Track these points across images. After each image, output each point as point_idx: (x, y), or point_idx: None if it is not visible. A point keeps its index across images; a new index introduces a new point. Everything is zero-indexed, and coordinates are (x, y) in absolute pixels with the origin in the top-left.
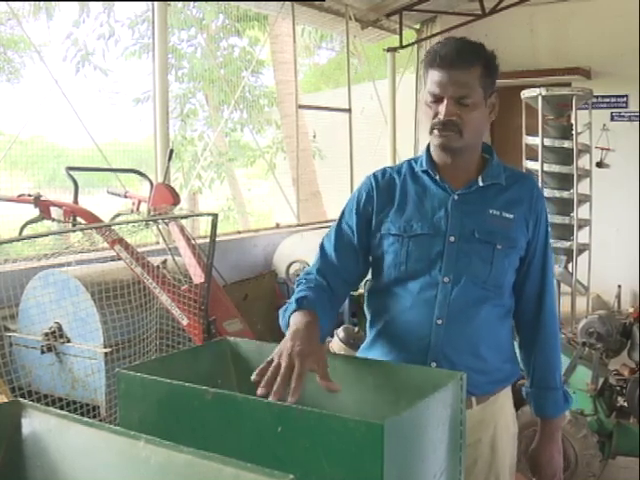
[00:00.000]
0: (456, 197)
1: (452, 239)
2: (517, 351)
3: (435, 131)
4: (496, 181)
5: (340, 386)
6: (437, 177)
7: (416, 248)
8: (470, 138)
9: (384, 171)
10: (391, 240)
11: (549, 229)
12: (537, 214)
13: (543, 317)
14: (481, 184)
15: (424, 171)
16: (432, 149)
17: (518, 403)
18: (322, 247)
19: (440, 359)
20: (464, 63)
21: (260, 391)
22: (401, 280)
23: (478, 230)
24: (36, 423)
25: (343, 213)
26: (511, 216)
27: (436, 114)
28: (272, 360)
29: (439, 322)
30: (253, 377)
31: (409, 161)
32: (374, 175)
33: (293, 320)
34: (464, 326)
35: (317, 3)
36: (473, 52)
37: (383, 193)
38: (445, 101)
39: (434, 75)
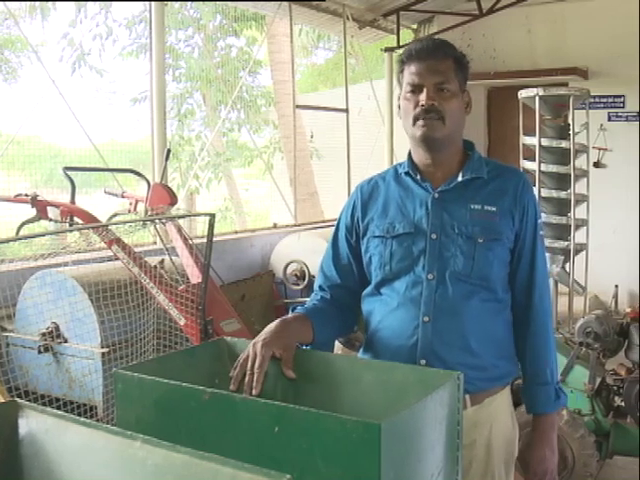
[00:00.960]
0: (436, 195)
1: (434, 236)
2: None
3: (419, 121)
4: (477, 175)
5: (294, 375)
6: (418, 177)
7: (399, 247)
8: (452, 127)
9: (370, 179)
10: (376, 242)
11: (539, 222)
12: (523, 206)
13: (532, 311)
14: (460, 179)
15: (406, 173)
16: (413, 150)
17: (515, 403)
18: (321, 264)
19: (430, 356)
20: (440, 54)
21: (231, 387)
22: (387, 280)
23: (458, 225)
24: (33, 423)
25: (337, 225)
26: (494, 208)
27: (417, 103)
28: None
29: (426, 319)
30: (230, 374)
31: (395, 166)
32: (361, 185)
33: (263, 332)
34: (451, 322)
35: (314, 3)
36: (445, 46)
37: (368, 200)
38: (425, 89)
39: (412, 68)
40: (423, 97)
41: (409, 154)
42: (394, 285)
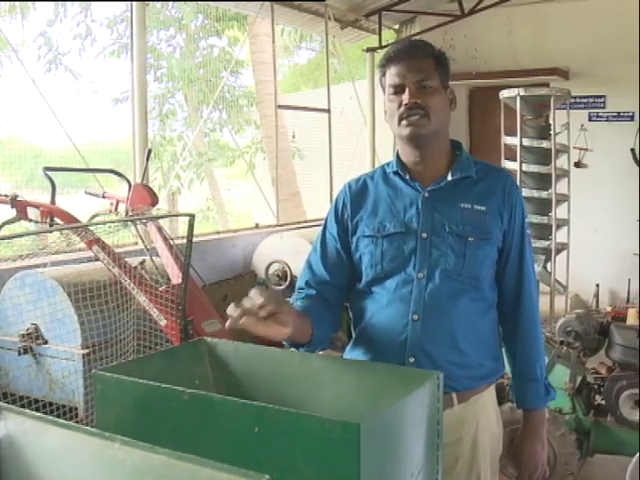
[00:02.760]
0: (426, 194)
1: (424, 235)
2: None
3: (403, 121)
4: (466, 174)
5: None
6: (407, 176)
7: (390, 247)
8: (437, 122)
9: (358, 178)
10: (366, 242)
11: (526, 221)
12: (511, 206)
13: (522, 309)
14: (450, 178)
15: (395, 172)
16: (401, 150)
17: (499, 401)
18: (308, 261)
19: (418, 354)
20: (418, 53)
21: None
22: (378, 279)
23: (449, 224)
24: (11, 425)
25: (325, 224)
26: (483, 208)
27: (401, 103)
28: None
29: (415, 317)
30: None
31: (382, 166)
32: (349, 183)
33: None
34: (440, 320)
35: (296, 3)
36: (423, 45)
37: (357, 199)
38: (407, 88)
39: (392, 70)
40: (406, 96)
41: (397, 154)
42: (385, 284)
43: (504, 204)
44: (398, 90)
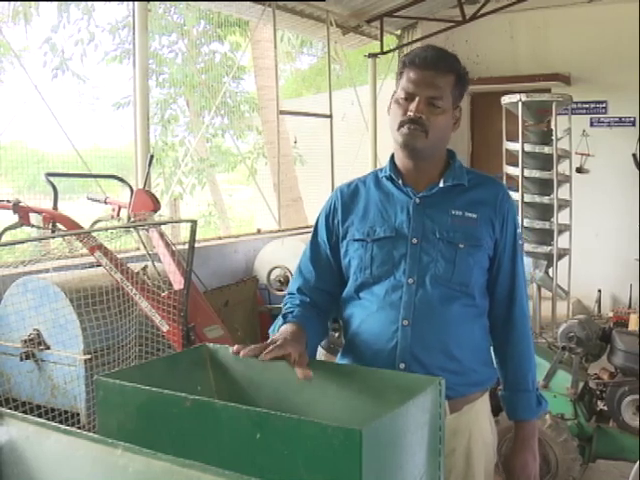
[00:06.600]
0: (418, 200)
1: (415, 241)
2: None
3: (404, 128)
4: (458, 182)
5: (311, 373)
6: (400, 182)
7: (380, 252)
8: (434, 141)
9: (350, 182)
10: (356, 246)
11: (518, 232)
12: (503, 215)
13: (513, 319)
14: (442, 185)
15: (388, 177)
16: (396, 154)
17: (496, 409)
18: (299, 265)
19: (409, 360)
20: (441, 67)
21: (235, 348)
22: (367, 284)
23: (439, 230)
24: (14, 431)
25: (316, 228)
26: (474, 215)
27: (406, 111)
28: None
29: (405, 322)
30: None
31: (375, 171)
32: (340, 187)
33: (280, 330)
34: (431, 325)
35: (298, 9)
36: (451, 60)
37: (348, 203)
38: (417, 99)
39: (411, 74)
40: (413, 107)
41: (391, 158)
42: (374, 289)
43: (496, 213)
44: (409, 97)
